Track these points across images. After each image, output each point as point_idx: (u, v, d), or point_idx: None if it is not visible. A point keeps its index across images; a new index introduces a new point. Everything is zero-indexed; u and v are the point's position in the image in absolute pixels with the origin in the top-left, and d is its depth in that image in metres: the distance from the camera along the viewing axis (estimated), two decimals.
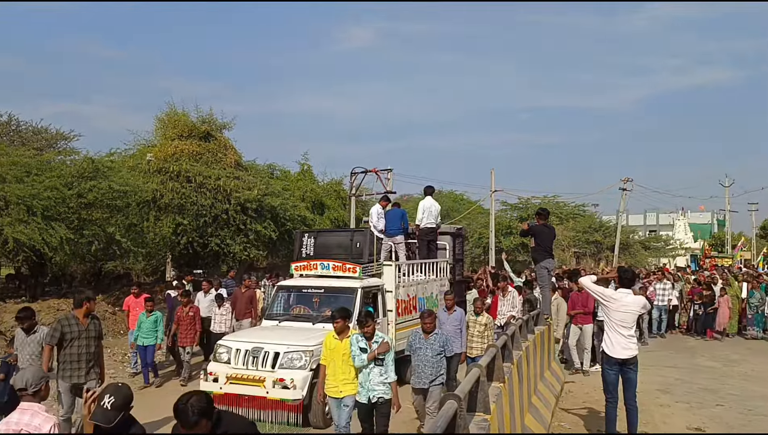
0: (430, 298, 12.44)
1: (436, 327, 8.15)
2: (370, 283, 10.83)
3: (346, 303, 9.92)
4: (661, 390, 11.25)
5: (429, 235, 13.38)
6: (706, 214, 75.97)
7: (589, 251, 43.22)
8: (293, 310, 10.78)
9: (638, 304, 7.69)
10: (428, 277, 12.62)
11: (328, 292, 10.63)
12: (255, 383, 8.87)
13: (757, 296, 18.09)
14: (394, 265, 11.34)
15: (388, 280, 11.11)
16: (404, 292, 11.48)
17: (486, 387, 4.96)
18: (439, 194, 50.02)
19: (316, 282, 10.96)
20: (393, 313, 11.02)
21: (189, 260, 23.74)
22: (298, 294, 11.01)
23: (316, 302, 10.61)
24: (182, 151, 23.00)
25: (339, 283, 10.73)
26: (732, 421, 9.26)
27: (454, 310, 10.24)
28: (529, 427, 7.40)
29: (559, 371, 12.04)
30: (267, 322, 10.72)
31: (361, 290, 10.39)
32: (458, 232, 14.90)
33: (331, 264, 11.07)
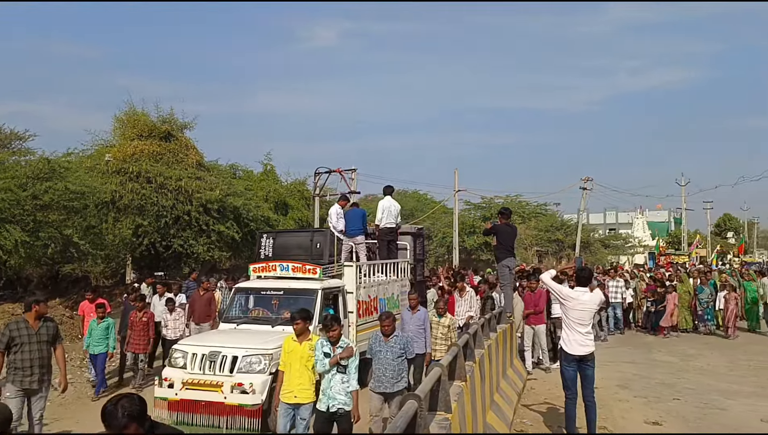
0: (391, 299, 12.34)
1: (396, 329, 7.96)
2: (331, 284, 10.67)
3: (306, 305, 9.75)
4: (620, 385, 11.47)
5: (389, 235, 13.31)
6: (663, 212, 77.76)
7: (551, 250, 43.82)
8: (251, 312, 10.55)
9: (595, 302, 7.88)
10: (389, 277, 12.53)
11: (287, 294, 10.42)
12: (212, 388, 8.59)
13: (706, 292, 18.42)
14: (354, 265, 11.22)
15: (349, 281, 10.99)
16: (365, 293, 11.38)
17: (447, 386, 4.98)
18: (404, 194, 50.25)
19: (276, 283, 10.73)
20: (354, 314, 10.91)
21: (150, 262, 23.34)
22: (256, 296, 10.76)
23: (275, 304, 10.38)
24: (142, 151, 22.62)
25: (299, 285, 10.51)
26: (688, 415, 9.49)
27: (418, 309, 10.12)
28: (491, 424, 7.48)
29: (521, 369, 12.18)
30: (224, 325, 10.42)
31: (321, 292, 10.21)
32: (419, 232, 14.88)
33: (290, 265, 10.85)
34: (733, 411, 9.72)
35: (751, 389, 11.30)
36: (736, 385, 11.69)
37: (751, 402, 10.27)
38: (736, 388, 11.42)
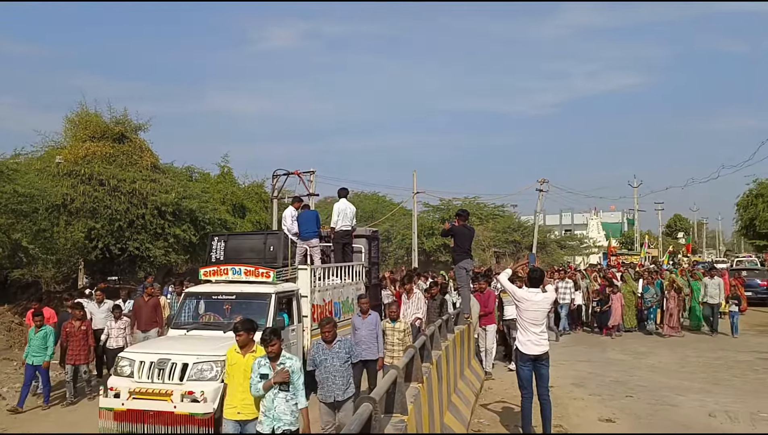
0: (346, 303, 12.19)
1: (338, 334, 7.64)
2: (285, 288, 10.45)
3: (260, 309, 9.66)
4: (575, 384, 11.68)
5: (344, 238, 13.16)
6: (617, 213, 79.56)
7: (508, 251, 44.40)
8: (202, 317, 10.19)
9: (548, 302, 8.12)
10: (344, 281, 12.38)
11: (240, 299, 10.13)
12: (161, 397, 8.21)
13: (651, 292, 18.62)
14: (309, 269, 11.08)
15: (304, 285, 10.85)
16: (320, 296, 11.25)
17: (403, 388, 4.99)
18: (363, 196, 50.27)
19: (227, 288, 10.40)
20: (308, 318, 10.77)
21: (103, 266, 22.82)
22: (207, 301, 10.40)
23: (227, 309, 10.07)
24: (94, 153, 22.12)
25: (252, 289, 10.24)
26: (640, 412, 9.71)
27: (369, 313, 9.84)
28: (449, 425, 7.53)
29: (479, 369, 12.29)
30: (173, 331, 10.04)
31: (275, 296, 9.97)
32: (374, 234, 14.67)
33: (242, 268, 10.56)
34: (683, 407, 9.98)
35: (700, 385, 11.62)
36: (687, 381, 12.02)
37: (700, 398, 10.57)
38: (686, 384, 11.73)
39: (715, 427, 8.90)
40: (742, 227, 40.37)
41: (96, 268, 23.20)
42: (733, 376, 12.49)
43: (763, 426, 8.91)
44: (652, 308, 18.71)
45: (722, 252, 77.56)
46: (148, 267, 23.14)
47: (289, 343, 10.08)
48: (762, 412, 9.61)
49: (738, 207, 39.82)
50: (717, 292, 18.00)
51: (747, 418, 9.29)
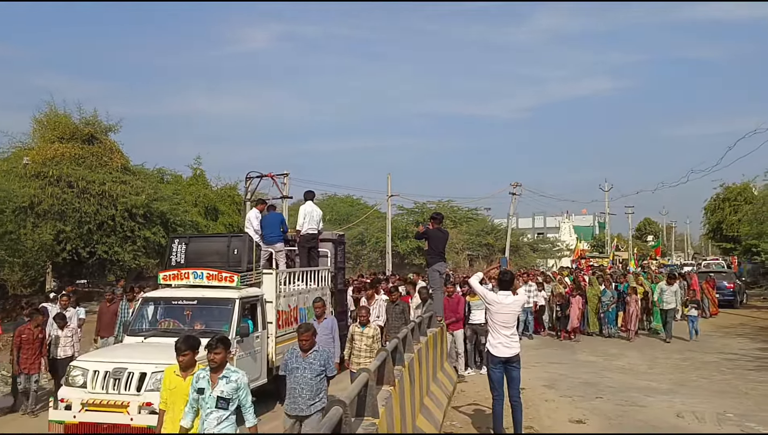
0: (312, 309, 11.47)
1: (316, 343, 7.10)
2: (249, 293, 10.04)
3: (223, 315, 9.32)
4: (547, 385, 11.77)
5: (310, 242, 12.80)
6: (588, 216, 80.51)
7: (482, 253, 44.69)
8: (161, 324, 9.68)
9: (518, 304, 8.25)
10: (309, 286, 12.03)
11: (201, 304, 9.65)
12: (117, 409, 7.66)
13: (608, 295, 18.27)
14: (274, 273, 10.72)
15: (269, 290, 10.49)
16: (285, 302, 10.90)
17: (374, 391, 4.99)
18: (337, 199, 50.22)
19: (188, 292, 9.90)
20: (273, 325, 10.43)
21: (72, 269, 22.47)
22: (167, 306, 9.87)
23: (188, 315, 9.59)
24: (63, 154, 21.82)
25: (214, 294, 9.75)
26: (609, 412, 9.82)
27: (325, 317, 9.53)
28: (421, 428, 7.53)
29: (452, 372, 12.32)
30: (130, 338, 9.46)
31: (239, 301, 9.54)
32: (340, 238, 14.32)
33: (205, 272, 10.07)
34: (652, 408, 10.12)
35: (668, 386, 11.80)
36: (655, 382, 12.19)
37: (668, 398, 10.72)
38: (654, 385, 11.90)
39: (682, 427, 9.03)
40: (710, 231, 41.18)
41: (64, 271, 22.83)
42: (700, 377, 12.70)
43: (729, 426, 9.07)
44: (609, 311, 18.38)
45: (690, 255, 78.93)
46: (118, 270, 22.83)
47: (254, 351, 9.82)
48: (728, 412, 9.79)
49: (706, 211, 40.61)
50: (672, 298, 17.60)
51: (713, 418, 9.44)
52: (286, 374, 7.00)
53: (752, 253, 33.09)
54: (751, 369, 13.53)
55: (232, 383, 5.41)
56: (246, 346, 9.56)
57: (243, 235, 11.62)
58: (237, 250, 10.92)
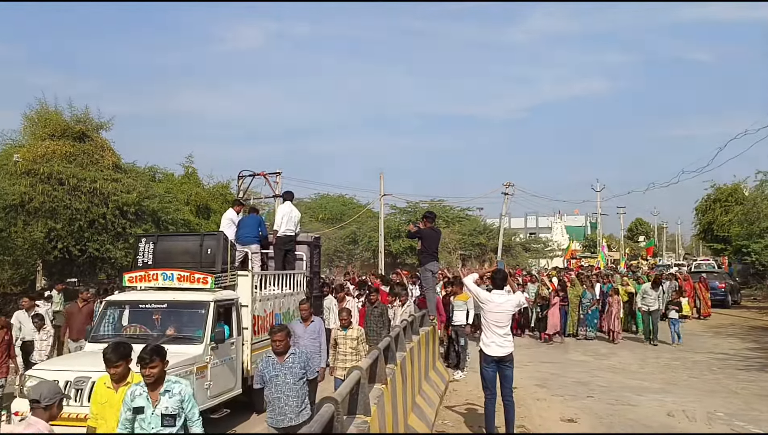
0: (287, 315, 11.17)
1: (291, 345, 6.60)
2: (224, 296, 9.36)
3: (195, 320, 8.77)
4: (538, 385, 11.80)
5: (287, 245, 12.19)
6: (580, 217, 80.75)
7: (474, 253, 44.76)
8: (126, 329, 8.98)
9: (512, 304, 8.14)
10: (284, 290, 11.34)
11: (172, 307, 8.99)
12: (78, 423, 6.83)
13: (588, 296, 17.83)
14: (250, 275, 10.08)
15: (244, 293, 9.82)
16: (261, 306, 10.25)
17: (366, 389, 4.99)
18: (330, 198, 50.20)
19: (157, 295, 9.24)
20: (249, 330, 9.74)
21: (63, 268, 22.35)
22: (133, 310, 9.19)
23: (157, 320, 8.88)
24: (54, 151, 21.67)
25: (186, 296, 9.10)
26: (601, 411, 9.86)
27: (312, 320, 8.85)
28: (413, 426, 7.53)
29: (444, 371, 12.34)
30: (92, 345, 8.63)
31: (213, 304, 8.89)
32: (315, 241, 13.74)
33: (175, 273, 9.35)
34: (643, 407, 10.16)
35: (659, 386, 11.85)
36: (646, 382, 12.25)
37: (659, 398, 10.77)
38: (645, 384, 11.96)
39: (673, 426, 9.08)
40: (701, 231, 41.38)
41: (55, 269, 22.71)
42: (691, 377, 12.77)
43: (719, 425, 9.13)
44: (589, 313, 17.91)
45: (682, 255, 79.28)
46: (109, 268, 22.74)
47: (229, 359, 9.23)
48: (718, 410, 9.85)
49: (697, 211, 40.81)
50: (655, 301, 17.05)
51: (704, 417, 9.50)
52: (263, 386, 6.34)
53: (743, 254, 33.30)
54: (741, 369, 13.61)
55: (176, 396, 4.87)
56: (221, 353, 8.90)
57: (217, 233, 11.01)
58: (210, 250, 10.26)
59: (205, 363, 8.40)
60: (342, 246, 43.97)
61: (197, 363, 8.23)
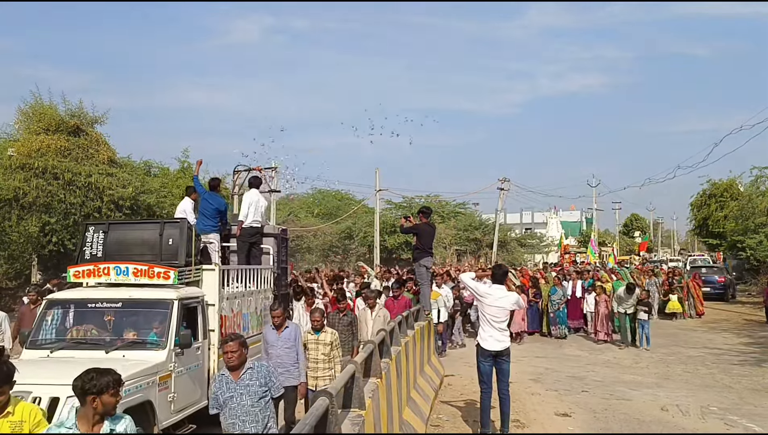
0: (254, 315, 10.01)
1: (247, 359, 5.44)
2: (189, 294, 8.11)
3: (157, 320, 7.62)
4: (533, 379, 11.85)
5: (253, 237, 11.00)
6: (576, 212, 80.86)
7: (469, 249, 44.81)
8: (72, 333, 7.71)
9: (510, 301, 8.16)
10: (250, 287, 10.07)
11: (128, 307, 7.81)
12: None
13: (558, 293, 17.36)
14: (217, 269, 8.77)
15: (210, 290, 8.57)
16: (229, 305, 9.04)
17: (361, 383, 4.99)
18: (325, 193, 50.17)
19: (110, 293, 7.97)
20: (216, 333, 8.44)
21: (58, 262, 22.29)
22: (80, 311, 7.91)
23: (109, 321, 7.70)
24: (48, 146, 21.58)
25: (146, 294, 7.87)
26: (595, 406, 9.90)
27: (286, 326, 7.74)
28: (408, 420, 7.55)
29: (439, 366, 12.36)
30: (30, 352, 7.40)
31: (178, 303, 7.69)
32: (283, 233, 12.41)
33: (131, 267, 8.05)
34: (637, 401, 10.21)
35: (653, 380, 11.91)
36: (640, 376, 12.30)
37: (653, 392, 10.83)
38: (640, 379, 12.01)
39: (667, 420, 9.12)
40: (696, 227, 41.46)
41: (50, 263, 22.67)
42: (685, 371, 12.83)
43: (712, 419, 9.18)
44: (559, 311, 17.33)
45: (677, 251, 79.54)
46: None
47: (194, 366, 7.97)
48: (712, 405, 9.90)
49: (692, 207, 40.88)
50: (630, 304, 15.86)
51: (697, 411, 9.54)
52: (219, 409, 5.28)
53: (737, 249, 33.43)
54: (735, 363, 13.67)
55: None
56: (186, 359, 7.73)
57: (180, 220, 9.51)
58: (172, 240, 8.88)
59: (168, 372, 7.28)
60: (337, 241, 43.97)
61: (160, 372, 7.09)
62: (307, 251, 43.25)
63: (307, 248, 43.23)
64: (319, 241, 43.41)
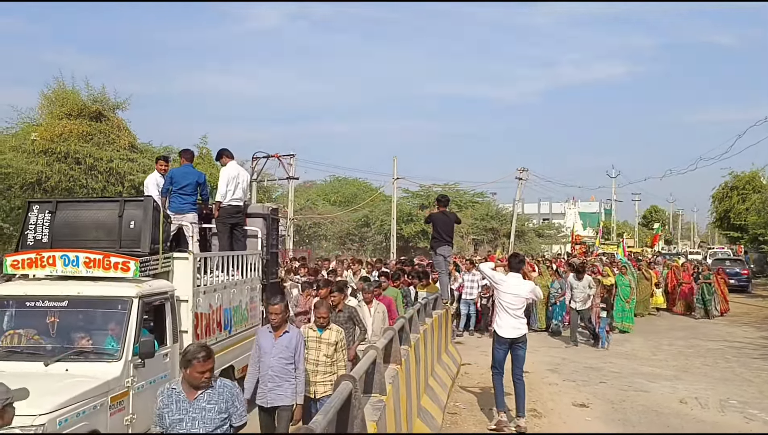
0: (239, 310, 8.70)
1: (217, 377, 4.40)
2: (154, 289, 6.71)
3: (112, 322, 6.32)
4: (550, 369, 11.83)
5: (234, 217, 9.39)
6: (594, 203, 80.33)
7: (486, 238, 44.73)
8: (5, 338, 6.30)
9: (526, 289, 8.20)
10: (234, 277, 8.60)
11: (75, 307, 6.38)
12: None
13: (555, 286, 16.24)
14: (191, 257, 7.34)
15: (183, 283, 7.18)
16: (206, 301, 7.62)
17: (382, 369, 5.03)
18: (343, 180, 50.25)
19: (55, 288, 6.48)
20: (190, 335, 7.12)
21: None
22: (18, 310, 6.54)
23: (52, 324, 6.28)
24: (71, 131, 21.86)
25: (98, 290, 6.44)
26: (613, 397, 9.87)
27: (287, 330, 6.16)
28: (426, 407, 7.61)
29: (456, 354, 12.39)
30: None
31: (138, 301, 6.29)
32: (273, 212, 10.76)
33: (81, 256, 6.59)
34: (655, 393, 10.16)
35: (672, 372, 11.84)
36: (659, 368, 12.23)
37: (672, 384, 10.77)
38: (658, 371, 11.95)
39: (685, 413, 9.07)
40: (717, 219, 41.05)
41: None
42: (704, 364, 12.74)
43: (731, 412, 9.12)
44: (556, 304, 16.13)
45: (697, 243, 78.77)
46: None
47: (162, 377, 6.56)
48: (731, 398, 9.84)
49: (713, 199, 40.47)
50: (583, 296, 14.45)
51: (716, 404, 9.49)
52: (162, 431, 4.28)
53: (759, 243, 33.09)
54: (755, 357, 13.55)
55: None
56: (149, 371, 6.33)
57: (143, 199, 7.77)
58: (134, 222, 7.33)
59: (125, 389, 5.96)
60: (354, 229, 44.09)
61: (113, 391, 5.77)
62: (323, 238, 43.44)
63: (323, 235, 43.41)
64: (336, 229, 43.58)
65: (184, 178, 8.79)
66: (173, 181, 8.72)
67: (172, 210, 8.47)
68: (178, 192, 8.68)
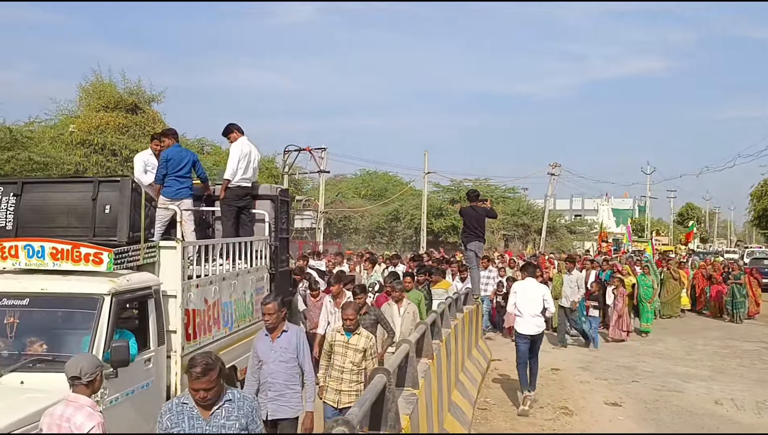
0: (242, 303, 7.76)
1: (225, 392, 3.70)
2: (132, 283, 5.78)
3: (81, 324, 5.45)
4: (582, 367, 11.72)
5: (242, 200, 8.36)
6: (628, 200, 79.22)
7: (517, 234, 44.41)
8: None
9: (539, 292, 9.10)
10: (238, 267, 7.69)
11: (37, 306, 5.50)
12: None
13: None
14: (179, 247, 6.40)
15: (170, 276, 6.30)
16: (199, 296, 6.67)
17: (415, 363, 5.04)
18: (374, 174, 50.30)
19: (15, 284, 5.60)
20: (180, 335, 6.23)
21: None
22: None
23: (11, 325, 5.37)
24: (107, 123, 22.32)
25: (64, 286, 5.58)
26: (646, 397, 9.74)
27: (285, 330, 5.52)
28: (456, 402, 7.61)
29: (486, 349, 12.35)
30: None
31: (111, 299, 5.40)
32: (282, 193, 9.53)
33: (47, 246, 5.72)
34: (689, 394, 10.00)
35: (707, 373, 11.64)
36: (693, 368, 12.03)
37: (707, 385, 10.58)
38: (692, 371, 11.75)
39: (720, 414, 8.92)
40: (755, 217, 40.15)
41: None
42: (740, 365, 12.49)
43: None
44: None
45: (733, 242, 77.20)
46: None
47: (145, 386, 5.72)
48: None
49: (752, 197, 39.59)
50: (572, 291, 13.90)
51: (753, 406, 9.30)
52: None
53: None
54: None
55: None
56: (127, 380, 5.41)
57: (120, 180, 6.79)
58: (110, 207, 6.48)
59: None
60: (384, 223, 44.14)
61: None
62: (354, 232, 43.59)
63: (354, 229, 43.56)
64: (366, 222, 43.69)
65: (180, 159, 7.62)
66: (169, 163, 7.52)
67: (170, 196, 7.40)
68: (175, 175, 7.54)
